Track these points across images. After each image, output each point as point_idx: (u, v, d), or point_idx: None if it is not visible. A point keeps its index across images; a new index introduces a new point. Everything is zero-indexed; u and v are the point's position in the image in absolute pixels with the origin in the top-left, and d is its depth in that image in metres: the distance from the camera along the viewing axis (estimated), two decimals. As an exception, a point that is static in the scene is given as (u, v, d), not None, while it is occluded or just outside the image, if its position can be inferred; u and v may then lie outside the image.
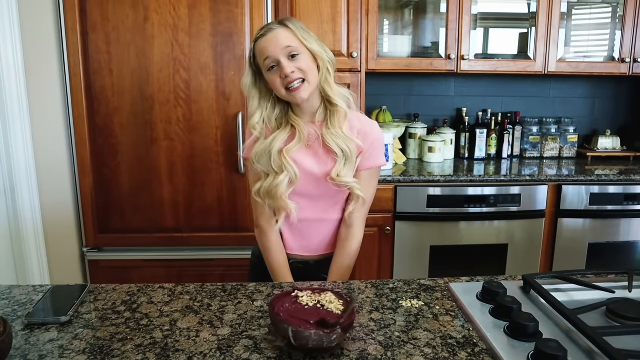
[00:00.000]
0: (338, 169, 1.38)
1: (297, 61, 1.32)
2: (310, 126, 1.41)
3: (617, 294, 1.10)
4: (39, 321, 1.03)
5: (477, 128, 2.90)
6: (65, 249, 2.38)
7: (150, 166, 2.30)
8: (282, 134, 1.39)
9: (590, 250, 2.59)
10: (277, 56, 1.31)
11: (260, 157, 1.38)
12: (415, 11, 2.92)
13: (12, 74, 2.13)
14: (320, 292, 1.02)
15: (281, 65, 1.31)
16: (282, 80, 1.32)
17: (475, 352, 0.93)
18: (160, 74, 2.22)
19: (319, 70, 1.36)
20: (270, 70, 1.33)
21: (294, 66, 1.31)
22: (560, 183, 2.53)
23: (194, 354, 0.92)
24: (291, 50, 1.31)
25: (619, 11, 2.80)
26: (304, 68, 1.32)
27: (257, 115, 1.39)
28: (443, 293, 1.18)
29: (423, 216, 2.48)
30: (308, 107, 1.40)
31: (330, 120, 1.39)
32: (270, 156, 1.36)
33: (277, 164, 1.36)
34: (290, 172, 1.36)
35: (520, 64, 2.76)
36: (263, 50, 1.32)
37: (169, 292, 1.19)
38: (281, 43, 1.31)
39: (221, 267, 2.36)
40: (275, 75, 1.32)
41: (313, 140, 1.41)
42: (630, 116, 3.19)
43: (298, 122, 1.39)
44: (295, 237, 1.50)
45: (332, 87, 1.38)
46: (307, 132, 1.40)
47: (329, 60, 1.38)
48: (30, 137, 2.24)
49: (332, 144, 1.37)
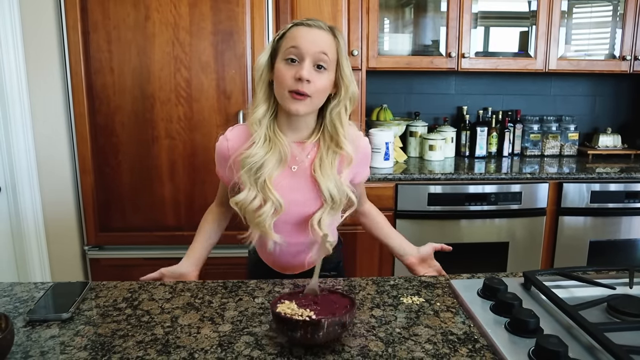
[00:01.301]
0: (321, 215, 1.26)
1: (319, 75, 1.17)
2: (296, 147, 1.25)
3: (617, 290, 1.10)
4: (40, 318, 1.03)
5: (478, 126, 2.90)
6: (66, 247, 2.39)
7: (151, 165, 2.30)
8: (272, 158, 1.22)
9: (591, 248, 2.58)
10: (305, 53, 1.15)
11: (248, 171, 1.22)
12: (416, 9, 2.92)
13: (13, 73, 2.14)
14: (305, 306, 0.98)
15: (303, 65, 1.15)
16: (293, 80, 1.15)
17: (476, 348, 0.93)
18: (161, 72, 2.22)
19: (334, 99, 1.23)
20: (287, 61, 1.16)
21: (312, 78, 1.15)
22: (561, 181, 2.53)
23: (195, 350, 0.92)
24: (322, 59, 1.16)
25: (620, 9, 2.80)
26: (319, 87, 1.17)
27: (263, 108, 1.22)
28: (444, 290, 1.19)
29: (424, 214, 2.48)
30: (299, 125, 1.25)
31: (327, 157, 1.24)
32: (256, 175, 1.21)
33: (262, 190, 1.22)
34: (275, 202, 1.22)
35: (520, 62, 2.76)
36: (298, 37, 1.16)
37: (169, 289, 1.19)
38: (320, 45, 1.16)
39: (222, 265, 2.35)
40: (289, 69, 1.16)
41: (299, 163, 1.26)
42: (631, 114, 3.19)
43: (281, 140, 1.22)
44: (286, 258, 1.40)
45: (343, 125, 1.23)
46: (289, 153, 1.24)
47: (352, 94, 1.23)
48: (32, 135, 2.24)
49: (323, 187, 1.23)
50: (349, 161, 1.26)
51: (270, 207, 1.22)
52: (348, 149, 1.24)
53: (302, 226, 1.31)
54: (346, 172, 1.27)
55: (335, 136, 1.24)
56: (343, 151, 1.24)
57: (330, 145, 1.25)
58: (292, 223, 1.30)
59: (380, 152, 2.57)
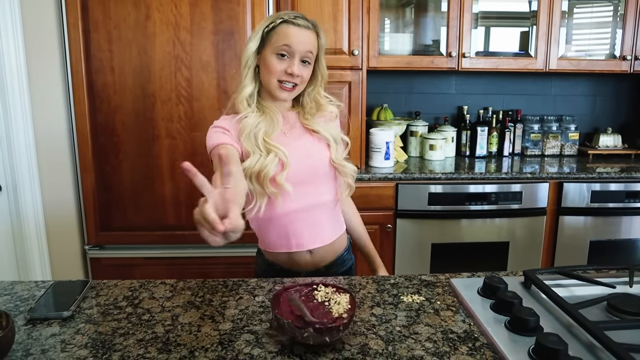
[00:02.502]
0: (335, 154, 1.41)
1: (305, 69, 1.35)
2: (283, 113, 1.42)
3: (617, 289, 1.10)
4: (41, 316, 1.03)
5: (478, 126, 2.90)
6: (67, 246, 2.39)
7: (152, 164, 2.30)
8: (265, 121, 1.35)
9: (592, 248, 2.58)
10: (295, 52, 1.31)
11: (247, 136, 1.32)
12: (416, 9, 2.92)
13: (14, 72, 2.14)
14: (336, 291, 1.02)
15: (293, 62, 1.31)
16: (282, 72, 1.31)
17: (476, 346, 0.93)
18: (161, 71, 2.22)
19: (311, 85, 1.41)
20: (278, 55, 1.31)
21: (301, 72, 1.33)
22: (562, 181, 2.53)
23: (196, 349, 0.92)
24: (307, 57, 1.34)
25: (620, 9, 2.80)
26: (305, 78, 1.36)
27: (249, 88, 1.36)
28: (444, 288, 1.19)
29: (424, 214, 2.49)
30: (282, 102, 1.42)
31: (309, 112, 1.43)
32: (256, 138, 1.32)
33: (263, 146, 1.32)
34: (280, 153, 1.31)
35: (521, 62, 2.76)
36: (288, 36, 1.31)
37: (170, 287, 1.19)
38: (308, 45, 1.33)
39: (223, 264, 2.36)
40: (280, 63, 1.31)
41: (289, 127, 1.41)
42: (632, 114, 3.19)
43: (271, 108, 1.38)
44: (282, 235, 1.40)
45: (322, 97, 1.44)
46: (280, 118, 1.39)
47: (325, 79, 1.43)
48: (33, 134, 2.25)
49: (321, 131, 1.41)
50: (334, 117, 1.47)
51: (274, 158, 1.31)
52: (330, 108, 1.45)
53: (310, 184, 1.38)
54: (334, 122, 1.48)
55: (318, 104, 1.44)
56: (325, 111, 1.44)
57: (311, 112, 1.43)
58: (300, 181, 1.35)
59: (381, 151, 2.57)
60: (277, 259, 1.44)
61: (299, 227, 1.39)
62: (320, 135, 1.41)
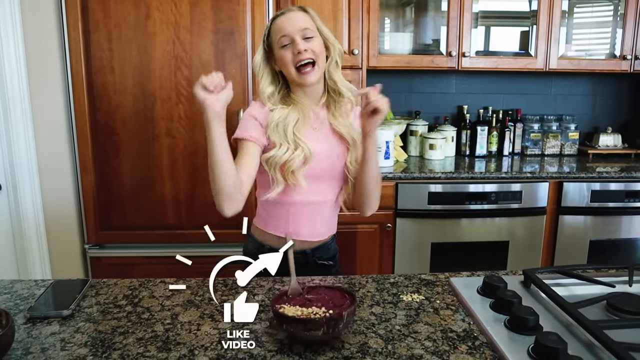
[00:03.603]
0: (352, 157, 1.43)
1: (311, 43, 1.36)
2: (314, 109, 1.44)
3: (617, 288, 1.10)
4: (41, 315, 1.03)
5: (478, 125, 2.90)
6: (67, 246, 2.39)
7: (152, 163, 2.30)
8: (294, 112, 1.38)
9: (592, 248, 2.58)
10: (293, 34, 1.35)
11: (275, 128, 1.36)
12: (417, 9, 2.92)
13: (14, 72, 2.14)
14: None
15: (295, 42, 1.34)
16: (294, 56, 1.35)
17: (476, 345, 0.93)
18: (161, 71, 2.22)
19: (327, 58, 1.41)
20: (283, 47, 1.36)
21: (307, 46, 1.35)
22: (562, 180, 2.53)
23: (195, 347, 0.92)
24: (307, 32, 1.36)
25: (620, 9, 2.80)
26: (316, 50, 1.36)
27: (270, 88, 1.41)
28: (443, 287, 1.19)
29: (424, 213, 2.49)
30: (312, 92, 1.43)
31: (337, 109, 1.44)
32: (285, 130, 1.36)
33: (291, 140, 1.36)
34: (305, 149, 1.35)
35: (521, 61, 2.76)
36: (280, 27, 1.37)
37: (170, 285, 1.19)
38: (299, 24, 1.36)
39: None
40: (287, 51, 1.36)
41: (319, 123, 1.43)
42: (632, 113, 3.18)
43: (303, 103, 1.41)
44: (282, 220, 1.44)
45: (340, 77, 1.44)
46: (312, 114, 1.42)
47: (339, 50, 1.43)
48: (32, 134, 2.25)
49: (344, 133, 1.42)
50: (351, 106, 1.46)
51: (300, 153, 1.35)
52: (347, 94, 1.44)
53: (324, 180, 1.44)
54: (351, 116, 1.47)
55: (336, 87, 1.43)
56: (344, 98, 1.44)
57: (335, 98, 1.44)
58: (317, 177, 1.41)
59: (381, 151, 2.57)
60: (267, 239, 1.47)
61: (300, 218, 1.44)
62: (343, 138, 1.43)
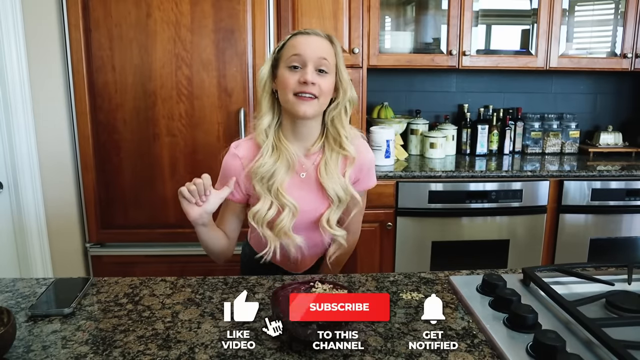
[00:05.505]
0: (329, 215, 1.33)
1: (322, 78, 1.23)
2: (302, 155, 1.32)
3: (616, 286, 1.11)
4: (42, 313, 1.04)
5: (479, 124, 2.90)
6: (68, 244, 2.40)
7: (153, 162, 2.30)
8: (281, 165, 1.27)
9: (592, 246, 2.59)
10: (307, 59, 1.22)
11: (260, 181, 1.28)
12: (417, 7, 2.92)
13: (15, 71, 2.14)
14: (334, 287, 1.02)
15: (306, 69, 1.21)
16: (297, 84, 1.21)
17: (475, 343, 0.93)
18: (162, 70, 2.22)
19: (332, 102, 1.29)
20: (290, 68, 1.23)
21: (317, 80, 1.22)
22: (562, 179, 2.53)
23: (195, 345, 0.93)
24: (323, 64, 1.23)
25: (621, 7, 2.79)
26: (324, 89, 1.23)
27: (268, 118, 1.29)
28: (443, 286, 1.19)
29: (424, 212, 2.49)
30: (304, 134, 1.30)
31: (331, 159, 1.31)
32: (270, 188, 1.27)
33: (275, 195, 1.27)
34: (292, 207, 1.28)
35: (521, 60, 2.76)
36: (298, 45, 1.23)
37: (170, 284, 1.20)
38: (319, 52, 1.23)
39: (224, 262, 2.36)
40: (292, 74, 1.22)
41: (307, 171, 1.33)
42: (632, 112, 3.18)
43: (287, 148, 1.28)
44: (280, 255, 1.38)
45: (344, 127, 1.30)
46: (296, 160, 1.30)
47: (351, 97, 1.30)
48: (34, 133, 2.25)
49: (329, 189, 1.30)
50: (351, 160, 1.32)
51: (288, 212, 1.28)
52: (350, 150, 1.30)
53: (311, 227, 1.37)
54: (349, 172, 1.33)
55: (338, 137, 1.30)
56: (346, 152, 1.30)
57: (334, 148, 1.31)
58: (302, 227, 1.35)
59: (381, 150, 2.57)
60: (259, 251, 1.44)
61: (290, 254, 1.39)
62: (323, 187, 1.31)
